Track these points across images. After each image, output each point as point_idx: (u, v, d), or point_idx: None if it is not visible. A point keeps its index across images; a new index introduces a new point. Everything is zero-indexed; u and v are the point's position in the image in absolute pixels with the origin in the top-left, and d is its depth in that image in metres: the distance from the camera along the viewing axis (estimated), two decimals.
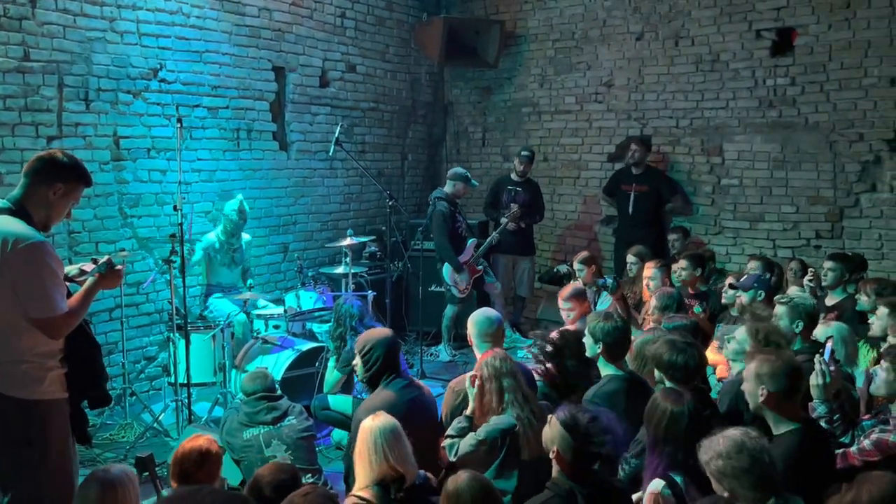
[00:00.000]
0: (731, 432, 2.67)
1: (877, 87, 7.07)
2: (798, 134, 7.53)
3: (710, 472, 2.65)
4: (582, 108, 8.84)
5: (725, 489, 2.61)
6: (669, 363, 3.57)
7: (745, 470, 2.55)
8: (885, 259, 7.12)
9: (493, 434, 3.61)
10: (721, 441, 2.64)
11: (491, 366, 3.75)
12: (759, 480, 2.53)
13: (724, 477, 2.60)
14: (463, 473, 2.84)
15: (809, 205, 7.55)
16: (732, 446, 2.60)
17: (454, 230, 7.57)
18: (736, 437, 2.63)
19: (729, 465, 2.58)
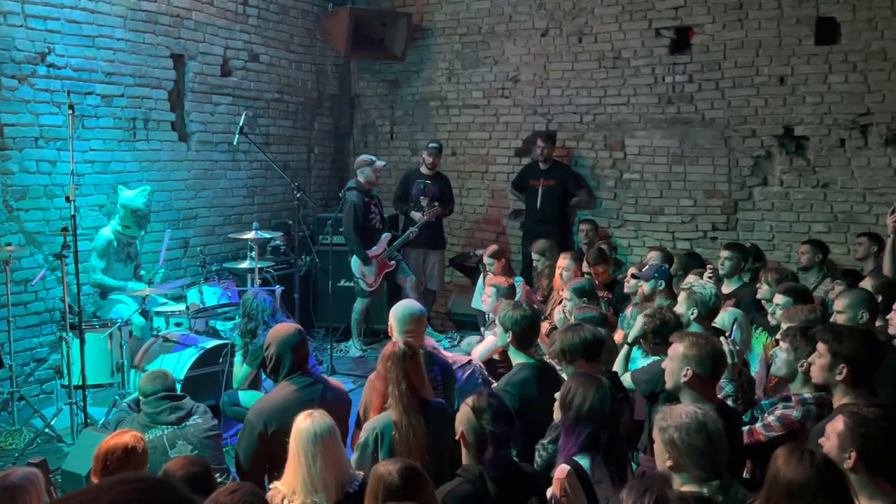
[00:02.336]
0: (694, 409, 2.71)
1: (767, 86, 7.42)
2: (695, 130, 7.82)
3: (663, 439, 2.67)
4: (489, 102, 8.90)
5: (670, 459, 2.63)
6: (570, 346, 3.66)
7: (699, 449, 2.58)
8: (777, 250, 7.49)
9: (368, 436, 3.47)
10: (684, 414, 2.67)
11: (385, 358, 3.63)
12: (709, 462, 2.57)
13: (674, 448, 2.62)
14: (394, 460, 2.76)
15: (706, 198, 7.86)
16: (694, 423, 2.62)
17: (366, 222, 7.48)
18: (699, 415, 2.66)
19: (685, 439, 2.60)
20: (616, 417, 3.21)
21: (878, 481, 2.51)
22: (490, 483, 2.88)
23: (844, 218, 7.21)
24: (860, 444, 2.50)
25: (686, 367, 3.25)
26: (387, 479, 2.60)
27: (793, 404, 3.35)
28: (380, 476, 2.64)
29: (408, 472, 2.63)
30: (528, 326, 4.03)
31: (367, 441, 3.42)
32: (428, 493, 2.68)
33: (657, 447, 2.71)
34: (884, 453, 2.50)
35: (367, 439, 3.43)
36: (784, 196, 7.49)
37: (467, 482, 2.90)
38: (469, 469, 2.95)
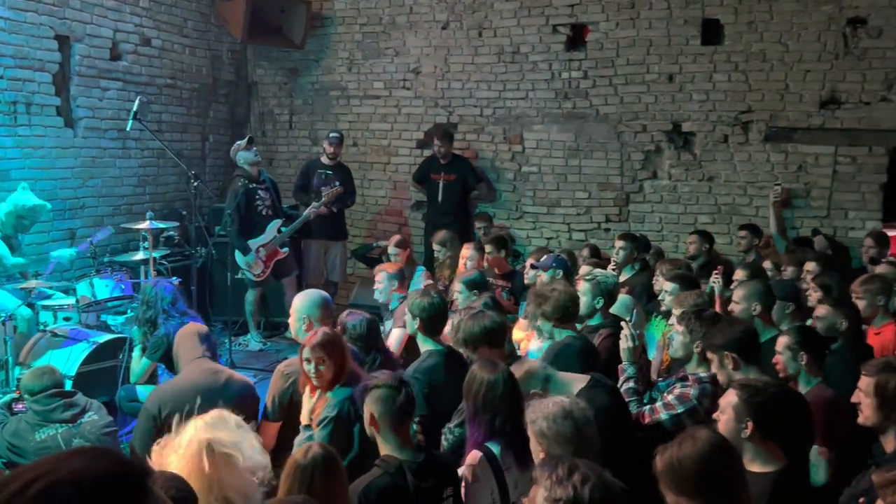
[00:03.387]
0: (562, 399, 2.79)
1: (657, 83, 7.76)
2: (590, 124, 8.08)
3: (533, 431, 2.74)
4: (391, 93, 8.89)
5: (543, 450, 2.71)
6: (471, 334, 3.73)
7: (567, 437, 2.66)
8: (665, 240, 7.85)
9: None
10: (551, 405, 2.74)
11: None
12: (577, 448, 2.64)
13: (544, 438, 2.70)
14: (308, 444, 2.73)
15: (600, 191, 8.14)
16: (560, 412, 2.70)
17: (251, 209, 7.34)
18: (565, 404, 2.74)
19: (553, 428, 2.67)
20: (518, 403, 3.29)
21: (771, 447, 2.70)
22: (409, 475, 2.89)
23: (728, 210, 7.64)
24: (755, 412, 2.68)
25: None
26: (303, 463, 2.57)
27: (689, 383, 3.55)
28: (295, 457, 2.61)
29: (325, 458, 2.61)
30: (435, 313, 4.08)
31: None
32: (341, 483, 2.67)
33: (532, 441, 2.79)
34: (776, 419, 2.68)
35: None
36: (672, 189, 7.85)
37: (386, 474, 2.90)
38: (388, 460, 2.95)
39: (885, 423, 2.76)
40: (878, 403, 2.75)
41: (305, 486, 2.54)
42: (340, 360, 3.56)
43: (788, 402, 2.82)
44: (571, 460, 2.17)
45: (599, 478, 2.10)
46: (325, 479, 2.57)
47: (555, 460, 2.24)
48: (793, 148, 7.35)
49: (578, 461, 2.17)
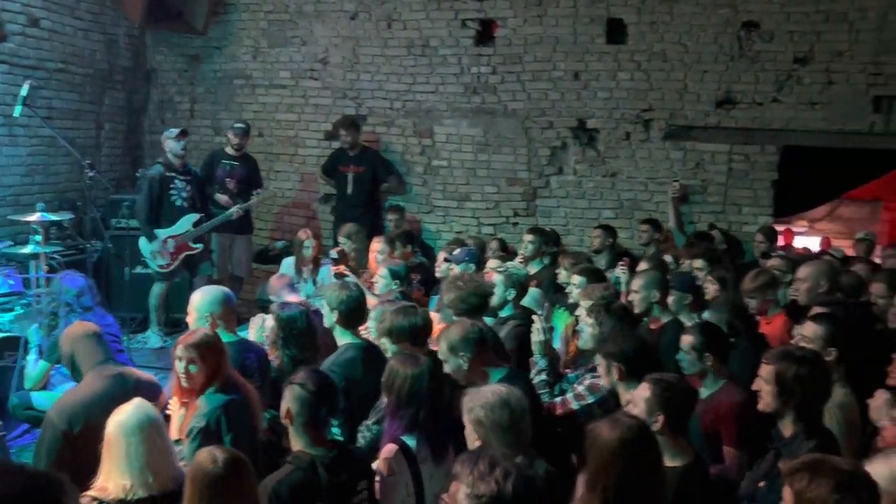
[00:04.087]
0: (499, 388, 2.80)
1: (563, 80, 7.90)
2: (498, 120, 8.16)
3: (470, 419, 2.74)
4: (297, 83, 8.71)
5: (479, 438, 2.72)
6: (398, 328, 3.71)
7: (503, 426, 2.68)
8: (570, 234, 8.03)
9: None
10: (490, 394, 2.76)
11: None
12: (513, 437, 2.68)
13: (481, 426, 2.71)
14: (217, 448, 2.62)
15: (508, 185, 8.24)
16: (498, 401, 2.71)
17: (165, 198, 7.07)
18: (503, 393, 2.75)
19: (491, 417, 2.69)
20: (437, 396, 3.29)
21: (679, 441, 2.80)
22: (322, 470, 2.84)
23: (629, 205, 7.88)
24: (665, 407, 2.77)
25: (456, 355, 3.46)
26: (209, 468, 2.48)
27: (599, 374, 3.63)
28: (201, 465, 2.51)
29: (232, 462, 2.52)
30: (354, 306, 4.02)
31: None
32: (250, 485, 2.59)
33: (466, 427, 2.80)
34: (684, 415, 2.78)
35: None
36: (577, 184, 8.03)
37: (298, 469, 2.83)
38: (300, 456, 2.89)
39: (783, 409, 2.90)
40: (776, 391, 2.88)
41: (216, 495, 2.44)
42: (214, 365, 3.41)
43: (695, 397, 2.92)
44: (492, 455, 2.17)
45: (521, 471, 2.11)
46: (235, 487, 2.49)
47: (475, 455, 2.24)
48: (691, 146, 7.65)
49: (499, 455, 2.17)
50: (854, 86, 7.12)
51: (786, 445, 2.86)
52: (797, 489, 2.08)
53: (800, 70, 7.24)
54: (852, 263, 6.25)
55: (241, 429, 3.34)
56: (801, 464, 2.15)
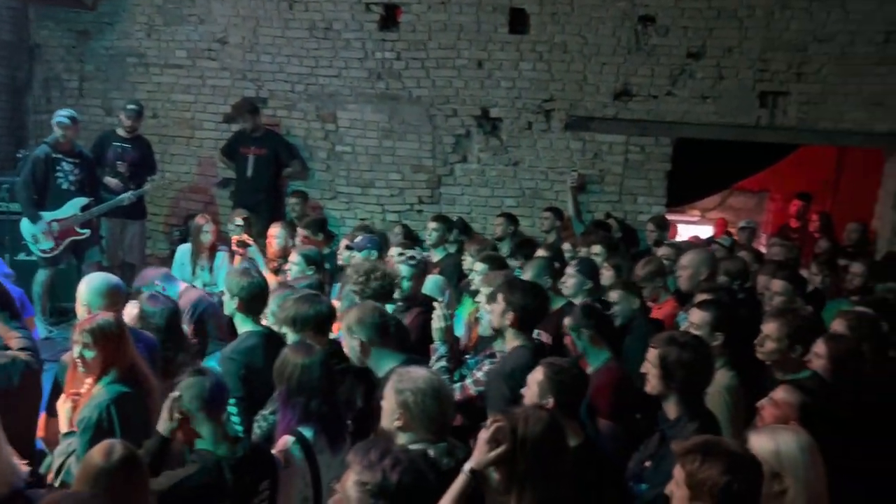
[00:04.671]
0: (431, 375, 2.78)
1: (467, 69, 7.94)
2: (403, 106, 8.12)
3: (398, 400, 2.71)
4: (194, 63, 8.40)
5: (401, 420, 2.70)
6: (303, 316, 3.65)
7: (431, 414, 2.67)
8: (474, 222, 8.08)
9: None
10: (421, 381, 2.73)
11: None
12: (436, 426, 2.67)
13: (407, 410, 2.69)
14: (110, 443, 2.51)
15: (413, 173, 8.22)
16: (429, 390, 2.69)
17: (49, 180, 6.71)
18: (436, 382, 2.74)
19: (419, 404, 2.67)
20: (333, 386, 3.25)
21: (570, 423, 2.87)
22: (227, 471, 2.77)
23: (531, 194, 8.01)
24: (556, 390, 2.83)
25: (354, 335, 3.46)
26: (105, 467, 2.38)
27: (498, 359, 3.68)
28: (92, 457, 2.41)
29: (128, 461, 2.43)
30: (256, 293, 3.94)
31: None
32: (144, 484, 2.50)
33: (387, 406, 2.77)
34: (575, 398, 2.85)
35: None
36: (481, 172, 8.10)
37: (202, 469, 2.75)
38: (204, 455, 2.80)
39: (668, 391, 3.02)
40: (661, 374, 3.00)
41: (104, 489, 2.33)
42: (111, 352, 3.26)
43: (587, 381, 3.01)
44: (385, 445, 2.17)
45: (412, 463, 2.11)
46: (129, 483, 2.40)
47: (369, 444, 2.23)
48: (590, 136, 7.83)
49: (392, 446, 2.17)
50: (742, 81, 7.46)
51: (671, 427, 2.98)
52: (689, 470, 2.16)
53: (693, 65, 7.52)
54: (738, 251, 6.56)
55: (130, 424, 3.20)
56: (694, 445, 2.23)
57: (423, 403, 2.68)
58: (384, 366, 3.41)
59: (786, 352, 3.53)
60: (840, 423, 3.00)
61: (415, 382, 2.72)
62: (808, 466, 2.42)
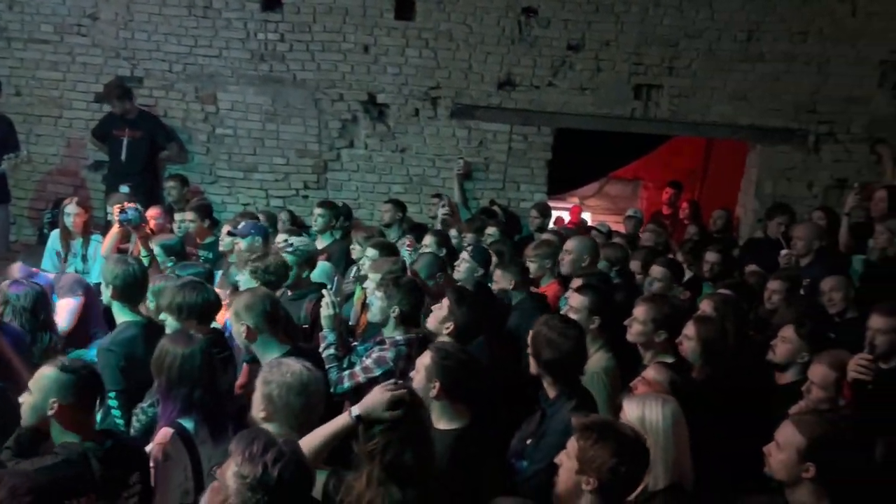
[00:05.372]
0: (302, 369, 2.73)
1: (353, 53, 7.86)
2: (287, 89, 7.96)
3: (263, 392, 2.69)
4: (62, 39, 7.91)
5: (264, 411, 2.68)
6: (188, 304, 3.57)
7: (295, 411, 2.65)
8: (361, 208, 8.07)
9: None
10: (289, 375, 2.69)
11: None
12: (303, 420, 2.65)
13: (271, 404, 2.66)
14: None
15: (298, 157, 8.09)
16: (297, 384, 2.66)
17: None
18: (304, 377, 2.70)
19: (284, 398, 2.65)
20: (215, 376, 3.19)
21: (458, 406, 2.94)
22: (94, 461, 2.66)
23: (418, 180, 8.06)
24: (442, 373, 2.89)
25: (241, 321, 3.41)
26: None
27: (387, 346, 3.71)
28: None
29: None
30: (131, 281, 3.79)
31: None
32: None
33: (255, 395, 2.75)
34: (461, 381, 2.93)
35: None
36: (368, 158, 8.07)
37: (66, 461, 2.63)
38: (69, 446, 2.68)
39: (545, 373, 3.15)
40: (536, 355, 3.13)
41: None
42: None
43: (475, 366, 3.09)
44: (269, 437, 2.16)
45: (294, 457, 2.11)
46: None
47: (252, 435, 2.21)
48: (475, 125, 7.95)
49: (277, 438, 2.16)
50: (619, 74, 7.78)
51: (550, 406, 3.11)
52: (582, 445, 2.28)
53: (572, 57, 7.77)
54: (614, 237, 6.87)
55: (4, 420, 3.03)
56: (593, 423, 2.36)
57: (286, 397, 2.66)
58: (269, 354, 3.38)
59: (651, 335, 3.73)
60: (707, 401, 3.22)
61: (282, 376, 2.70)
62: (668, 434, 2.58)
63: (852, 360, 3.04)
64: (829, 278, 4.72)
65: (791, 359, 3.64)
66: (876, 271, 5.35)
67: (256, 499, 2.06)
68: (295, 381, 2.69)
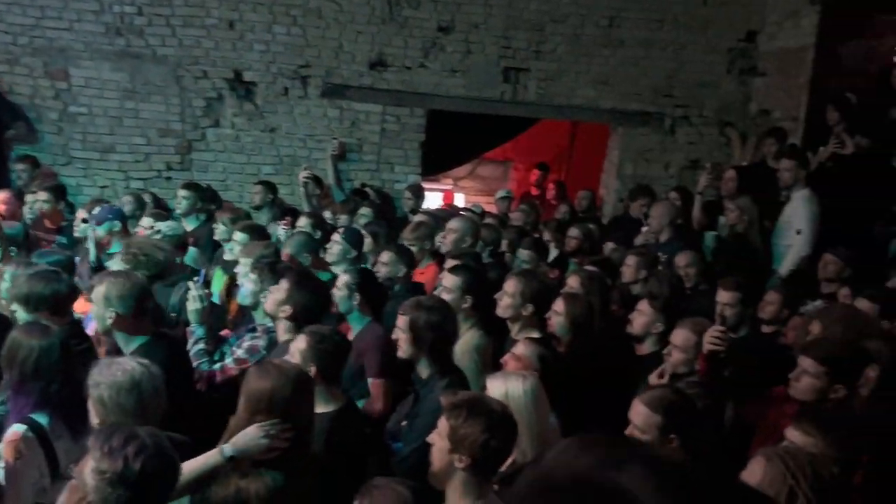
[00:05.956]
0: (133, 366, 2.59)
1: (217, 28, 7.57)
2: (147, 65, 7.57)
3: (93, 396, 2.55)
4: None
5: (98, 416, 2.56)
6: (38, 295, 3.37)
7: (127, 410, 2.52)
8: (229, 189, 7.81)
9: None
10: (119, 372, 2.55)
11: None
12: (136, 420, 2.48)
13: (102, 406, 2.54)
14: None
15: (160, 137, 7.73)
16: (127, 382, 2.53)
17: None
18: (135, 373, 2.56)
19: (115, 399, 2.51)
20: (73, 369, 3.03)
21: (332, 389, 2.93)
22: None
23: (289, 161, 7.89)
24: (318, 358, 2.87)
25: (109, 308, 3.25)
26: None
27: (259, 334, 3.61)
28: None
29: None
30: None
31: None
32: None
33: (90, 403, 2.62)
34: (337, 364, 2.91)
35: None
36: (236, 138, 7.82)
37: None
38: None
39: (419, 354, 3.18)
40: (412, 338, 3.15)
41: None
42: None
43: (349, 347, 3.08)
44: (130, 430, 2.07)
45: (157, 448, 2.03)
46: None
47: (111, 429, 2.12)
48: (347, 105, 7.86)
49: (139, 430, 2.07)
50: (488, 57, 7.90)
51: (424, 386, 3.15)
52: (452, 424, 2.30)
53: (443, 38, 7.82)
54: (486, 218, 6.99)
55: None
56: (462, 401, 2.38)
57: (117, 398, 2.52)
58: (131, 344, 3.23)
59: (519, 309, 3.83)
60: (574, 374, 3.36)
61: (112, 375, 2.55)
62: (530, 408, 2.68)
63: (707, 332, 3.25)
64: (682, 253, 5.03)
65: (647, 330, 3.84)
66: (726, 246, 5.75)
67: (117, 494, 1.98)
68: (126, 379, 2.55)
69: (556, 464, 0.79)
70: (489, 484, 2.36)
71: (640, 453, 0.77)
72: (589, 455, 0.78)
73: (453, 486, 2.31)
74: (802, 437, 2.39)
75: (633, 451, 0.78)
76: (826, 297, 4.61)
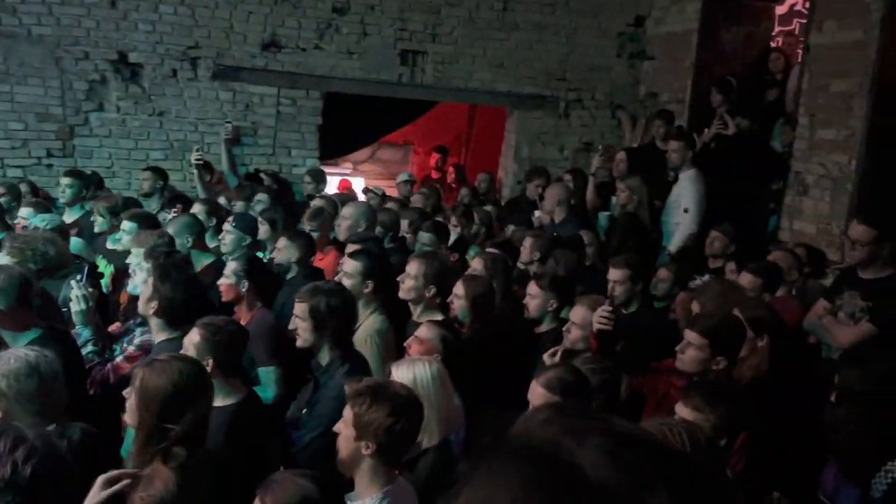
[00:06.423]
0: (26, 353, 2.47)
1: (98, 7, 7.18)
2: (22, 46, 7.10)
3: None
4: None
5: (1, 410, 2.42)
6: None
7: (30, 395, 2.40)
8: (116, 177, 7.46)
9: None
10: (13, 360, 2.43)
11: None
12: (42, 407, 2.41)
13: (4, 398, 2.41)
14: None
15: (38, 122, 7.28)
16: (24, 368, 2.41)
17: None
18: (30, 359, 2.45)
19: (15, 387, 2.39)
20: None
21: (231, 381, 2.86)
22: None
23: (180, 146, 7.59)
24: (214, 350, 2.79)
25: None
26: None
27: (148, 328, 3.46)
28: None
29: None
30: None
31: None
32: None
33: None
34: (234, 355, 2.84)
35: None
36: (122, 123, 7.47)
37: None
38: None
39: (320, 341, 3.14)
40: (312, 325, 3.10)
41: None
42: None
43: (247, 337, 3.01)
44: (20, 432, 1.95)
45: (48, 449, 1.93)
46: None
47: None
48: (240, 87, 7.63)
49: (27, 433, 1.96)
50: (385, 39, 7.83)
51: (324, 373, 3.12)
52: (357, 411, 2.29)
53: (338, 20, 7.69)
54: (388, 202, 6.97)
55: None
56: (365, 388, 2.37)
57: (18, 385, 2.42)
58: (20, 341, 3.05)
59: (422, 290, 3.85)
60: (477, 356, 3.40)
61: (6, 364, 2.44)
62: (438, 392, 2.72)
63: (595, 312, 3.35)
64: (583, 232, 5.17)
65: (542, 311, 3.92)
66: (618, 226, 5.95)
67: (6, 501, 1.86)
68: (21, 364, 2.45)
69: (520, 432, 0.79)
70: (397, 468, 2.37)
71: (601, 426, 0.77)
72: (552, 426, 0.78)
73: (361, 472, 2.31)
74: (692, 413, 2.51)
75: (594, 424, 0.78)
76: (713, 272, 4.85)
